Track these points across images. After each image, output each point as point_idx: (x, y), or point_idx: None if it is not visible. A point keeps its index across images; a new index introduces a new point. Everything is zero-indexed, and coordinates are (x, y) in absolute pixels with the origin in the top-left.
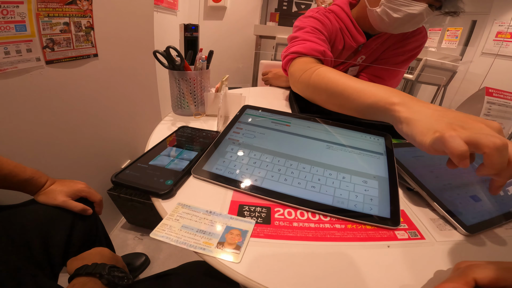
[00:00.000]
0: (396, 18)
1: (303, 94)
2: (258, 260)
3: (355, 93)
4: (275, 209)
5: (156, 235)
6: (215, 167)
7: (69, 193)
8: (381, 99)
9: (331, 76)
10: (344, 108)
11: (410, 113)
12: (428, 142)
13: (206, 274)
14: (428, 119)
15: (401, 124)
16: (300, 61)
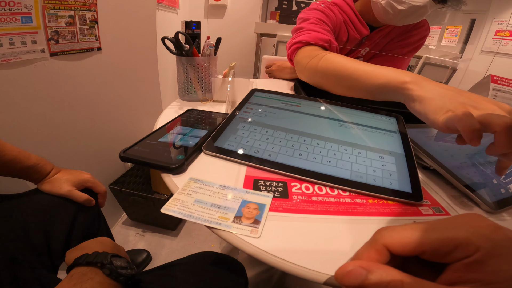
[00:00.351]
0: (401, 10)
1: (310, 80)
2: (279, 234)
3: (364, 75)
4: (292, 183)
5: (168, 209)
6: (227, 143)
7: (74, 182)
8: (393, 78)
9: (339, 60)
10: (354, 89)
11: (423, 91)
12: (441, 120)
13: (213, 265)
14: (441, 98)
15: (413, 102)
16: (306, 49)
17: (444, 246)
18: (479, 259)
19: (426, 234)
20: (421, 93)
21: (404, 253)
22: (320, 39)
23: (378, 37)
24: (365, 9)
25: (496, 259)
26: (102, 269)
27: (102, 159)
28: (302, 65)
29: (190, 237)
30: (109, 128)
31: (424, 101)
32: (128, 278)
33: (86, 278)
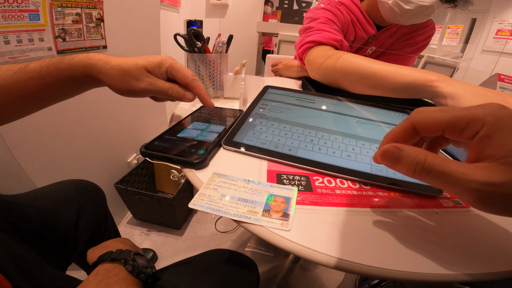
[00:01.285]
0: (408, 9)
1: (325, 79)
2: (308, 227)
3: (389, 74)
4: (314, 177)
5: (195, 205)
6: (246, 138)
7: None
8: (419, 77)
9: (359, 60)
10: (377, 88)
11: (452, 88)
12: None
13: (227, 262)
14: (472, 94)
15: (444, 98)
16: (319, 49)
17: (457, 122)
18: (486, 133)
19: (445, 113)
20: (451, 90)
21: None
22: (332, 39)
23: (385, 36)
24: (372, 9)
25: (500, 133)
26: (125, 265)
27: (106, 158)
28: (317, 64)
29: (195, 237)
30: (114, 126)
31: (457, 97)
32: (148, 276)
33: (111, 275)
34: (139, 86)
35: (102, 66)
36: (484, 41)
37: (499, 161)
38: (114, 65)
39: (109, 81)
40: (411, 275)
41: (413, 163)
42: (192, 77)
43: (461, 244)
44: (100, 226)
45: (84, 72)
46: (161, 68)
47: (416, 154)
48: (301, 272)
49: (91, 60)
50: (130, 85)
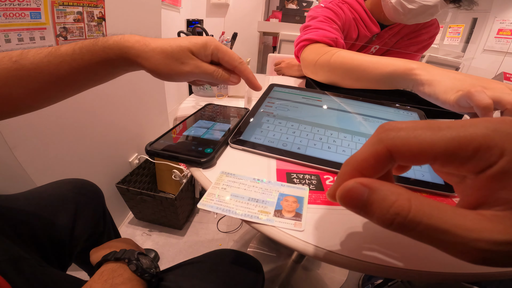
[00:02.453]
0: (411, 9)
1: (318, 76)
2: (322, 227)
3: (371, 65)
4: (324, 176)
5: (204, 205)
6: (254, 136)
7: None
8: (400, 66)
9: (346, 55)
10: (362, 80)
11: (431, 75)
12: (452, 98)
13: (232, 262)
14: (450, 79)
15: (422, 86)
16: (312, 47)
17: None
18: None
19: (439, 133)
20: (429, 77)
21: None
22: (326, 37)
23: (388, 35)
24: (375, 7)
25: None
26: (129, 265)
27: (108, 158)
28: (310, 62)
29: (197, 237)
30: (115, 125)
31: (433, 83)
32: (152, 276)
33: (116, 274)
34: (184, 70)
35: (140, 48)
36: (485, 41)
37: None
38: (154, 47)
39: (149, 65)
40: (424, 274)
41: (389, 213)
42: (239, 60)
43: None
44: (99, 225)
45: (120, 55)
46: (207, 50)
47: (395, 199)
48: (304, 272)
49: (127, 42)
50: (174, 69)
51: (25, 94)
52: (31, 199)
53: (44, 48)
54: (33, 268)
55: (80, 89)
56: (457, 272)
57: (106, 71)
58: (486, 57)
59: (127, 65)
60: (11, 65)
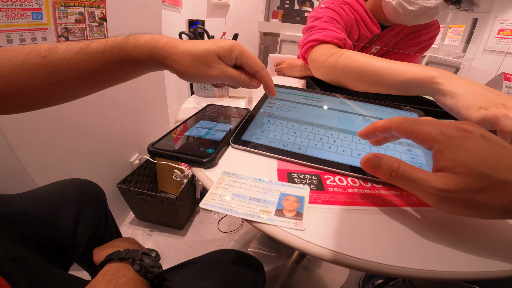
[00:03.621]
0: (411, 10)
1: (327, 77)
2: (322, 226)
3: (390, 71)
4: (325, 176)
5: (206, 204)
6: (255, 137)
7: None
8: (421, 74)
9: (361, 58)
10: (378, 85)
11: (453, 86)
12: (474, 116)
13: (234, 262)
14: (472, 94)
15: (444, 96)
16: (321, 47)
17: (416, 136)
18: (438, 148)
19: (412, 125)
20: (452, 88)
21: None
22: (335, 37)
23: (389, 36)
24: (376, 8)
25: (449, 149)
26: (133, 265)
27: (109, 158)
28: (319, 63)
29: (198, 237)
30: (116, 126)
31: (457, 96)
32: (155, 276)
33: (120, 274)
34: (211, 73)
35: (170, 50)
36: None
37: (451, 171)
38: (183, 50)
39: (177, 67)
40: (426, 273)
41: (389, 170)
42: (261, 66)
43: (472, 242)
44: (101, 225)
45: (149, 55)
46: (232, 54)
47: (392, 163)
48: (304, 272)
49: (157, 43)
50: (201, 72)
51: (52, 89)
52: (33, 199)
53: (74, 43)
54: (35, 268)
55: (106, 86)
56: (456, 271)
57: (134, 70)
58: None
59: (156, 65)
60: (40, 60)
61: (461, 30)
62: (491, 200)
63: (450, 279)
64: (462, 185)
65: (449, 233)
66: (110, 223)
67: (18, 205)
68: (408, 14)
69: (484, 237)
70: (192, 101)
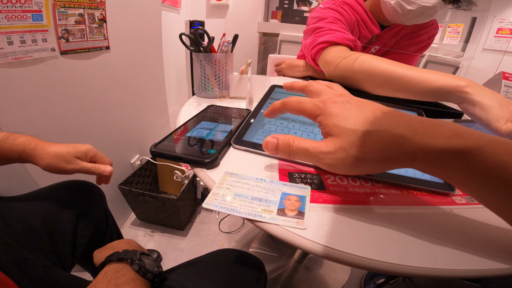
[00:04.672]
0: (410, 10)
1: (342, 81)
2: (324, 225)
3: (417, 78)
4: (326, 176)
5: (209, 204)
6: (256, 137)
7: (77, 154)
8: (449, 83)
9: (382, 64)
10: (404, 92)
11: (481, 97)
12: (504, 129)
13: (235, 261)
14: (500, 106)
15: (473, 106)
16: (335, 50)
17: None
18: (318, 120)
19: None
20: (481, 99)
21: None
22: (346, 38)
23: (388, 35)
24: (375, 8)
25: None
26: (132, 265)
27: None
28: (333, 65)
29: (199, 237)
30: (117, 127)
31: (486, 108)
32: (155, 276)
33: (119, 275)
34: (68, 167)
35: (38, 151)
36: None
37: (329, 135)
38: (49, 151)
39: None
40: (427, 271)
41: (286, 147)
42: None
43: (474, 241)
44: (101, 226)
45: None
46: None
47: (287, 139)
48: (306, 272)
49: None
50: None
51: None
52: (34, 201)
53: None
54: (37, 269)
55: None
56: (456, 268)
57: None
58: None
59: (22, 161)
60: None
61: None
62: (363, 154)
63: (449, 276)
64: (338, 144)
65: (450, 231)
66: (110, 224)
67: (19, 207)
68: (407, 14)
69: (485, 234)
70: (193, 102)
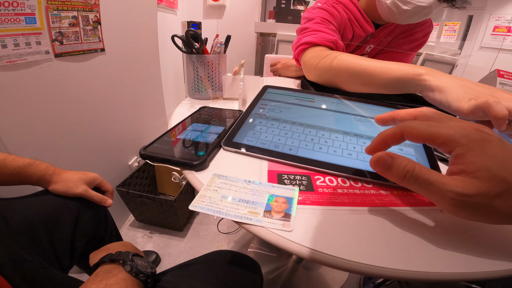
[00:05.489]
0: (405, 10)
1: (320, 79)
2: (310, 227)
3: (379, 70)
4: (315, 177)
5: (196, 206)
6: (246, 138)
7: (86, 181)
8: (408, 72)
9: (351, 59)
10: (369, 84)
11: (440, 82)
12: (466, 107)
13: (230, 263)
14: (460, 87)
15: (432, 92)
16: (313, 50)
17: (435, 140)
18: (459, 152)
19: (428, 128)
20: (439, 83)
21: (412, 140)
22: (327, 39)
23: (383, 34)
24: (369, 7)
25: (471, 153)
26: (124, 266)
27: (107, 161)
28: (311, 65)
29: (198, 238)
30: (114, 129)
31: (445, 90)
32: (148, 277)
33: (110, 275)
34: (77, 191)
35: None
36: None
37: (471, 175)
38: (64, 177)
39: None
40: (415, 274)
41: (403, 171)
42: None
43: (466, 242)
44: (100, 228)
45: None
46: (94, 182)
47: (406, 163)
48: (305, 272)
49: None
50: (72, 190)
51: None
52: (32, 203)
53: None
54: (34, 270)
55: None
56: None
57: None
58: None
59: (38, 184)
60: None
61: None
62: (506, 206)
63: (438, 280)
64: (482, 190)
65: (441, 234)
66: (110, 226)
67: (18, 209)
68: (403, 14)
69: (479, 236)
70: (186, 104)
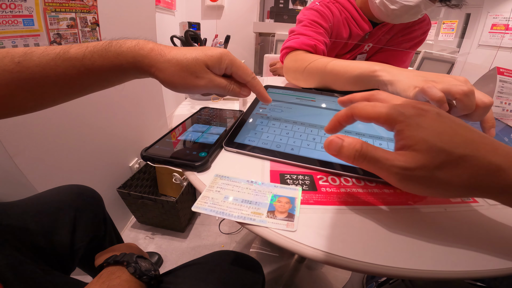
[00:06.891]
0: (393, 9)
1: (298, 82)
2: (314, 227)
3: (342, 69)
4: (317, 176)
5: (199, 208)
6: (248, 139)
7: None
8: (365, 69)
9: (322, 60)
10: (336, 83)
11: (391, 76)
12: (411, 95)
13: (231, 263)
14: (407, 78)
15: (385, 86)
16: (293, 54)
17: (378, 119)
18: (399, 128)
19: (374, 109)
20: (390, 77)
21: (362, 120)
22: (306, 44)
23: (381, 33)
24: (366, 6)
25: (408, 128)
26: (128, 267)
27: (108, 163)
28: (289, 69)
29: (200, 239)
30: (114, 130)
31: (394, 83)
32: (151, 278)
33: (114, 277)
34: (198, 84)
35: (155, 58)
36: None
37: (411, 149)
38: (170, 58)
39: (163, 76)
40: (420, 272)
41: (352, 151)
42: (252, 75)
43: (470, 241)
44: (99, 230)
45: (133, 63)
46: (221, 64)
47: (355, 143)
48: (307, 271)
49: (141, 50)
50: (189, 82)
51: (28, 96)
52: (30, 206)
53: (51, 47)
54: (33, 273)
55: (87, 92)
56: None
57: (116, 77)
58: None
59: (140, 74)
60: (14, 67)
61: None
62: (450, 177)
63: (442, 278)
64: (422, 161)
65: (445, 232)
66: (109, 227)
67: (16, 212)
68: (391, 13)
69: (484, 234)
70: (187, 104)
